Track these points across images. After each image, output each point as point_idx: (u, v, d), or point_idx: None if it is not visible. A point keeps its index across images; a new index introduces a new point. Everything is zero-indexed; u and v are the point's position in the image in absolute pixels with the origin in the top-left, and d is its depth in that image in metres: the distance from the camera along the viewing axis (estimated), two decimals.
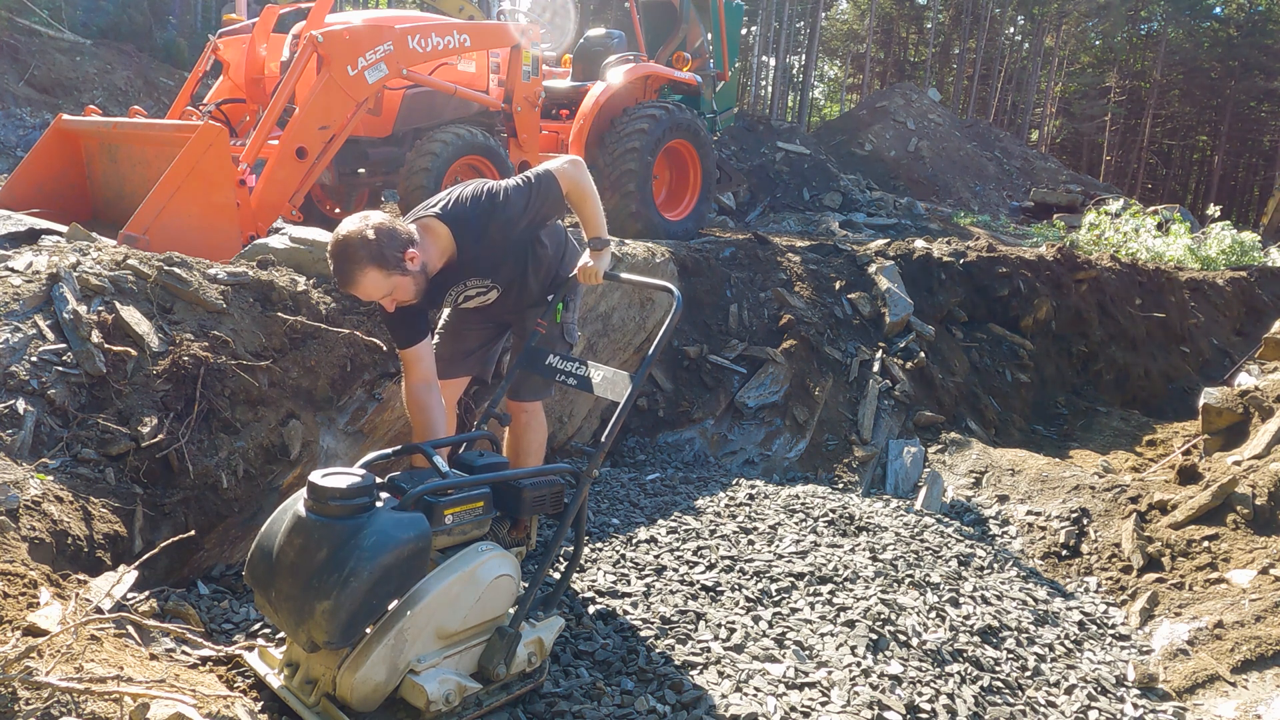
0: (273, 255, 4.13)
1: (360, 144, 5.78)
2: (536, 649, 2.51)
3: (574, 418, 5.50)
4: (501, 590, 2.36)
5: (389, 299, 2.82)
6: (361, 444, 3.96)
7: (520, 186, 3.02)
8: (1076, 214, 16.89)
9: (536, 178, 3.03)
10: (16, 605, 1.99)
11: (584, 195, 3.09)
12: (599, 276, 3.17)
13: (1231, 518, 3.95)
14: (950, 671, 3.00)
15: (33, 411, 2.83)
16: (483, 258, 3.06)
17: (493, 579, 2.33)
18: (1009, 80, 43.79)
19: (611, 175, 6.64)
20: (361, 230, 2.68)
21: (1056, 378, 7.58)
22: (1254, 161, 47.49)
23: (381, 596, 2.10)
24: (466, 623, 2.30)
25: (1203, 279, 10.01)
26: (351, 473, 2.21)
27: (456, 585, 2.25)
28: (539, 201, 3.03)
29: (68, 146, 5.72)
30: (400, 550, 2.10)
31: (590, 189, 3.11)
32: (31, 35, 13.95)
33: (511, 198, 2.98)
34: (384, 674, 2.14)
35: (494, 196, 2.98)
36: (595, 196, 3.13)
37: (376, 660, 2.12)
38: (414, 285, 2.83)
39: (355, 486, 2.12)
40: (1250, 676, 3.18)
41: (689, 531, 4.01)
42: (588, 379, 2.93)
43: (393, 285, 2.76)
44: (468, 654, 2.36)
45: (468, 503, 2.39)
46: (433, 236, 2.94)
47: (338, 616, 2.01)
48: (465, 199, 2.98)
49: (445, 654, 2.28)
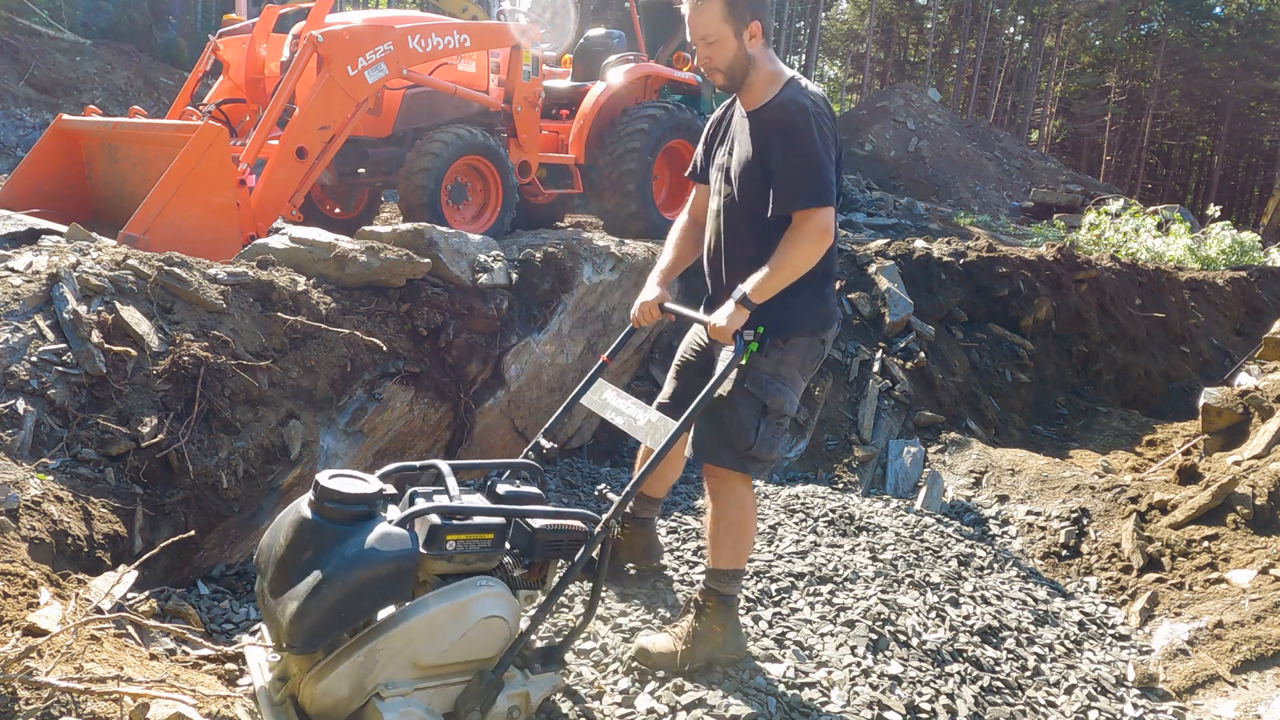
0: (273, 255, 4.13)
1: (360, 144, 5.78)
2: (521, 703, 2.30)
3: (574, 417, 5.49)
4: (491, 631, 2.19)
5: (707, 48, 2.64)
6: (362, 444, 3.97)
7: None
8: (1076, 214, 16.89)
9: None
10: (16, 605, 1.99)
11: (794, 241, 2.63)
12: (723, 335, 2.64)
13: (1231, 518, 3.95)
14: (950, 671, 3.00)
15: (33, 411, 2.83)
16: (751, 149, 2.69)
17: (483, 617, 2.16)
18: (1009, 80, 43.79)
19: (611, 175, 6.63)
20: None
21: (1056, 378, 7.58)
22: (1254, 161, 47.48)
23: (351, 610, 2.01)
24: (446, 657, 2.15)
25: (1203, 279, 10.00)
26: (360, 478, 2.16)
27: (443, 615, 2.11)
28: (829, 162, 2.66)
29: (68, 146, 5.72)
30: (378, 567, 2.00)
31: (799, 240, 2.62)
32: (31, 35, 13.95)
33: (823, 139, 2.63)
34: (347, 690, 2.05)
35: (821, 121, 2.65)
36: (798, 251, 2.61)
37: (343, 674, 2.04)
38: (734, 60, 2.64)
39: (355, 494, 2.08)
40: (1250, 676, 3.18)
41: (689, 531, 4.00)
42: (634, 419, 2.71)
43: (721, 34, 2.60)
44: (444, 692, 2.18)
45: (474, 532, 2.20)
46: (772, 66, 2.70)
47: (302, 620, 1.95)
48: (810, 90, 2.69)
49: (418, 685, 2.12)
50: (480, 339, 4.67)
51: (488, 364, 4.73)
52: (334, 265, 4.13)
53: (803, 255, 2.59)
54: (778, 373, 2.75)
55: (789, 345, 2.74)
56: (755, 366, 2.71)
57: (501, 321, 4.78)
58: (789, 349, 2.75)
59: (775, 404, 2.73)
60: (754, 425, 2.70)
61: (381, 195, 7.59)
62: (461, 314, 4.54)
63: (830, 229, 2.59)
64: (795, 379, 2.79)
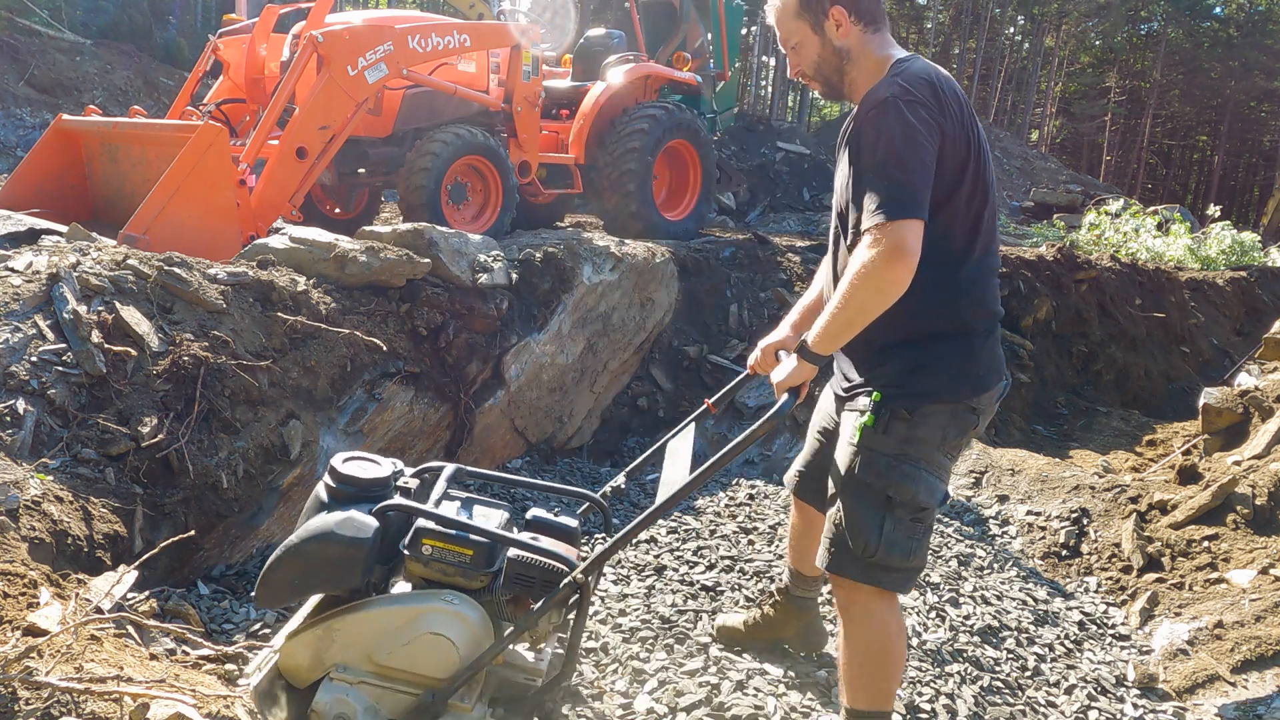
0: (273, 255, 4.13)
1: (360, 144, 5.78)
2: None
3: (574, 417, 5.50)
4: (435, 650, 2.06)
5: (793, 55, 2.25)
6: (361, 444, 3.97)
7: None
8: (1076, 214, 16.87)
9: None
10: (16, 605, 1.99)
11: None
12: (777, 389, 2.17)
13: (1231, 518, 3.95)
14: (950, 671, 3.00)
15: (33, 411, 2.83)
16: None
17: (428, 631, 2.05)
18: (1009, 80, 43.78)
19: (611, 175, 6.64)
20: None
21: (1056, 378, 7.57)
22: (1254, 161, 47.47)
23: (300, 580, 2.08)
24: (392, 661, 2.08)
25: (1203, 279, 10.00)
26: (374, 462, 2.22)
27: (395, 617, 2.09)
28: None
29: (68, 146, 5.72)
30: (326, 546, 2.03)
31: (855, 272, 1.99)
32: (31, 35, 13.94)
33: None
34: (307, 659, 2.12)
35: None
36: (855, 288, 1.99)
37: (305, 641, 2.12)
38: (820, 60, 2.21)
39: (346, 475, 2.15)
40: (1250, 676, 3.18)
41: (689, 531, 4.01)
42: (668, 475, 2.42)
43: (799, 34, 2.21)
44: (392, 697, 2.09)
45: (452, 543, 2.09)
46: (881, 52, 2.17)
47: (263, 578, 2.09)
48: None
49: (367, 679, 2.09)
50: (480, 339, 4.67)
51: (488, 364, 4.73)
52: (334, 265, 4.13)
53: (865, 285, 1.95)
54: (905, 453, 2.13)
55: (920, 417, 2.13)
56: (872, 447, 2.15)
57: (501, 321, 4.78)
58: (920, 422, 2.13)
59: (904, 495, 2.13)
60: (875, 524, 2.14)
61: (381, 195, 7.59)
62: (461, 314, 4.54)
63: (905, 248, 1.90)
64: (934, 459, 2.16)
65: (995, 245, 2.22)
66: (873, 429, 2.14)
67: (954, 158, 2.04)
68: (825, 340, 2.08)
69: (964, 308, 2.14)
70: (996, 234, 2.21)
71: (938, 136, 2.00)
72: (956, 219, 2.11)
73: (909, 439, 2.14)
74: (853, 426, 2.19)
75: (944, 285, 2.11)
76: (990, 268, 2.20)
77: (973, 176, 2.09)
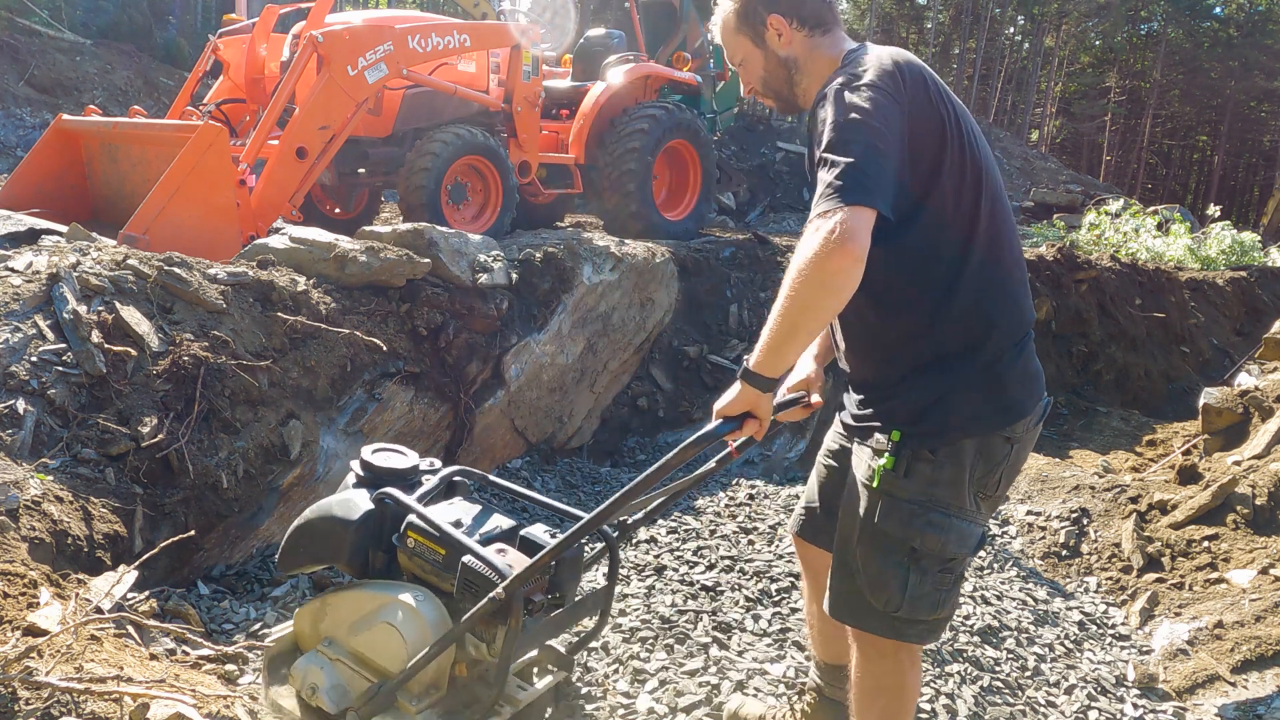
0: (273, 255, 4.13)
1: (360, 144, 5.78)
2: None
3: (574, 417, 5.50)
4: (387, 641, 2.04)
5: (742, 71, 2.07)
6: (361, 444, 3.96)
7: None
8: (1076, 214, 16.87)
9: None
10: (16, 605, 1.99)
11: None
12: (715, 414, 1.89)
13: (1231, 518, 3.95)
14: (950, 671, 3.00)
15: (33, 411, 2.83)
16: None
17: (384, 621, 2.04)
18: (1009, 80, 43.78)
19: (611, 175, 6.64)
20: None
21: (1056, 378, 7.57)
22: (1254, 161, 47.48)
23: (301, 549, 2.18)
24: (356, 644, 2.10)
25: (1203, 279, 10.00)
26: (400, 453, 2.30)
27: (367, 602, 2.11)
28: None
29: (68, 146, 5.72)
30: (322, 521, 2.15)
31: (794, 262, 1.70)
32: (31, 35, 13.94)
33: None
34: (308, 628, 2.21)
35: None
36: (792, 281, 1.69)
37: (309, 611, 2.22)
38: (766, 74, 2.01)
39: (368, 463, 2.25)
40: (1250, 676, 3.18)
41: (689, 531, 4.00)
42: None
43: (742, 49, 2.03)
44: (359, 679, 2.10)
45: (430, 539, 2.07)
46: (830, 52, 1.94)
47: (283, 542, 2.21)
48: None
49: (343, 658, 2.11)
50: (480, 339, 4.67)
51: (488, 364, 4.73)
52: (334, 265, 4.13)
53: (805, 280, 1.64)
54: (932, 498, 1.85)
55: (945, 456, 1.84)
56: (893, 492, 1.87)
57: (501, 321, 4.78)
58: (946, 461, 1.84)
59: (931, 546, 1.86)
60: (900, 578, 1.87)
61: (381, 195, 7.60)
62: (461, 314, 4.54)
63: (847, 233, 1.59)
64: (963, 501, 1.87)
65: (1008, 244, 1.90)
66: (893, 472, 1.85)
67: (926, 141, 1.77)
68: (770, 355, 1.73)
69: (973, 322, 1.84)
70: (1009, 231, 1.90)
71: (896, 117, 1.71)
72: (945, 217, 1.81)
73: (935, 481, 1.85)
74: (868, 468, 1.90)
75: (942, 298, 1.83)
76: (1002, 270, 1.88)
77: (956, 164, 1.79)
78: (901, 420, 1.87)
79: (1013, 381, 1.88)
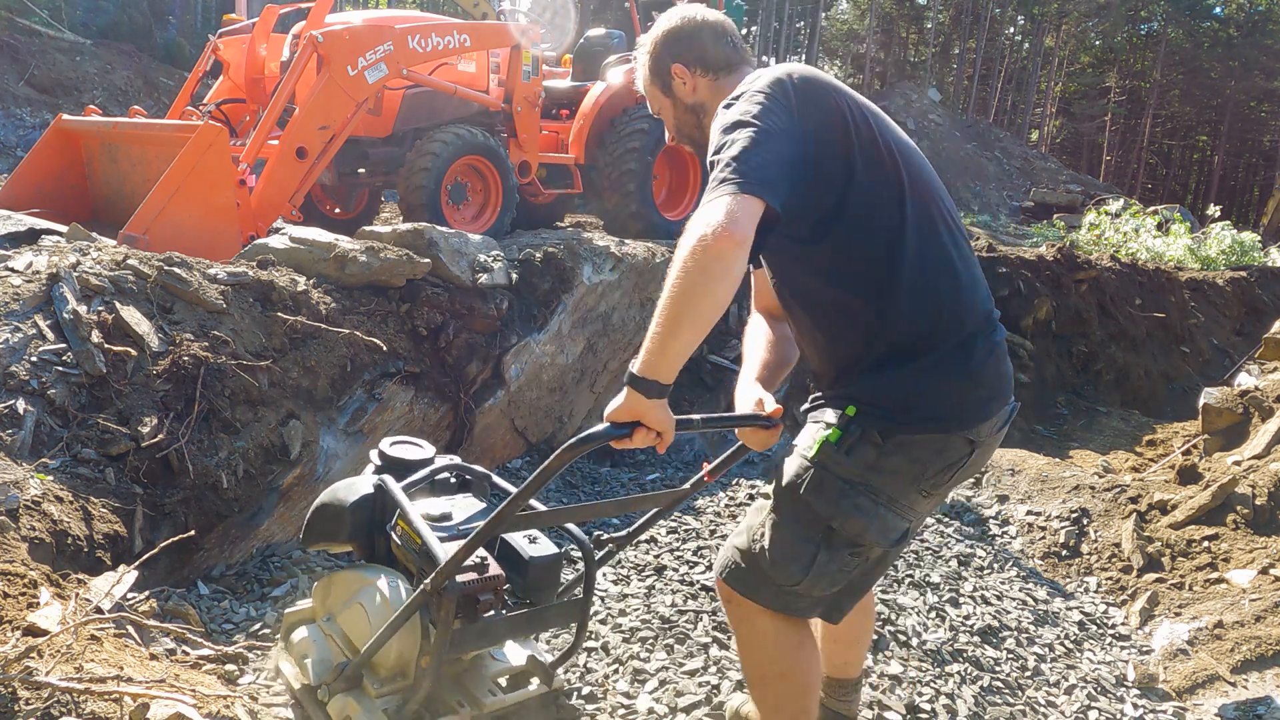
0: (273, 255, 4.13)
1: (360, 144, 5.78)
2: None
3: (574, 417, 5.50)
4: (357, 621, 2.07)
5: (660, 118, 2.11)
6: (362, 444, 3.96)
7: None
8: (1076, 214, 16.89)
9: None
10: (16, 605, 1.99)
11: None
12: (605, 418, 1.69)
13: (1231, 518, 3.95)
14: (950, 671, 3.00)
15: (33, 411, 2.83)
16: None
17: (356, 601, 2.08)
18: (1009, 80, 43.80)
19: (612, 175, 6.64)
20: (672, 16, 2.00)
21: (1056, 378, 7.58)
22: (1254, 161, 47.51)
23: (315, 527, 2.21)
24: (340, 622, 2.14)
25: (1203, 279, 10.01)
26: (415, 445, 2.34)
27: (352, 583, 2.17)
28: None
29: (68, 146, 5.72)
30: (328, 502, 2.18)
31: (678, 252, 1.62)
32: (31, 35, 13.95)
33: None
34: (317, 600, 2.27)
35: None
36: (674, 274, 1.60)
37: (320, 585, 2.29)
38: (678, 122, 2.04)
39: (381, 451, 2.29)
40: (1250, 676, 3.18)
41: (689, 531, 4.00)
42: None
43: (656, 99, 2.07)
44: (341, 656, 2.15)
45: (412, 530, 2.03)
46: (733, 86, 1.85)
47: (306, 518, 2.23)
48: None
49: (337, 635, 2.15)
50: (480, 339, 4.67)
51: (488, 364, 4.73)
52: (334, 265, 4.13)
53: (686, 271, 1.55)
54: (866, 482, 1.77)
55: (895, 445, 1.76)
56: (828, 466, 1.78)
57: (501, 321, 4.78)
58: (894, 450, 1.76)
59: (851, 529, 1.78)
60: (807, 556, 1.80)
61: (381, 195, 7.60)
62: (461, 314, 4.54)
63: (727, 216, 1.54)
64: (903, 496, 1.80)
65: (947, 239, 1.82)
66: (835, 446, 1.77)
67: (828, 139, 1.72)
68: (654, 356, 1.58)
69: (920, 316, 1.77)
70: (945, 227, 1.83)
71: (784, 118, 1.67)
72: (868, 215, 1.76)
73: (876, 468, 1.77)
74: (811, 437, 1.81)
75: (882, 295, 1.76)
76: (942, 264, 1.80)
77: (870, 161, 1.74)
78: (859, 398, 1.79)
79: (981, 380, 1.82)
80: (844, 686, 2.37)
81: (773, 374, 2.08)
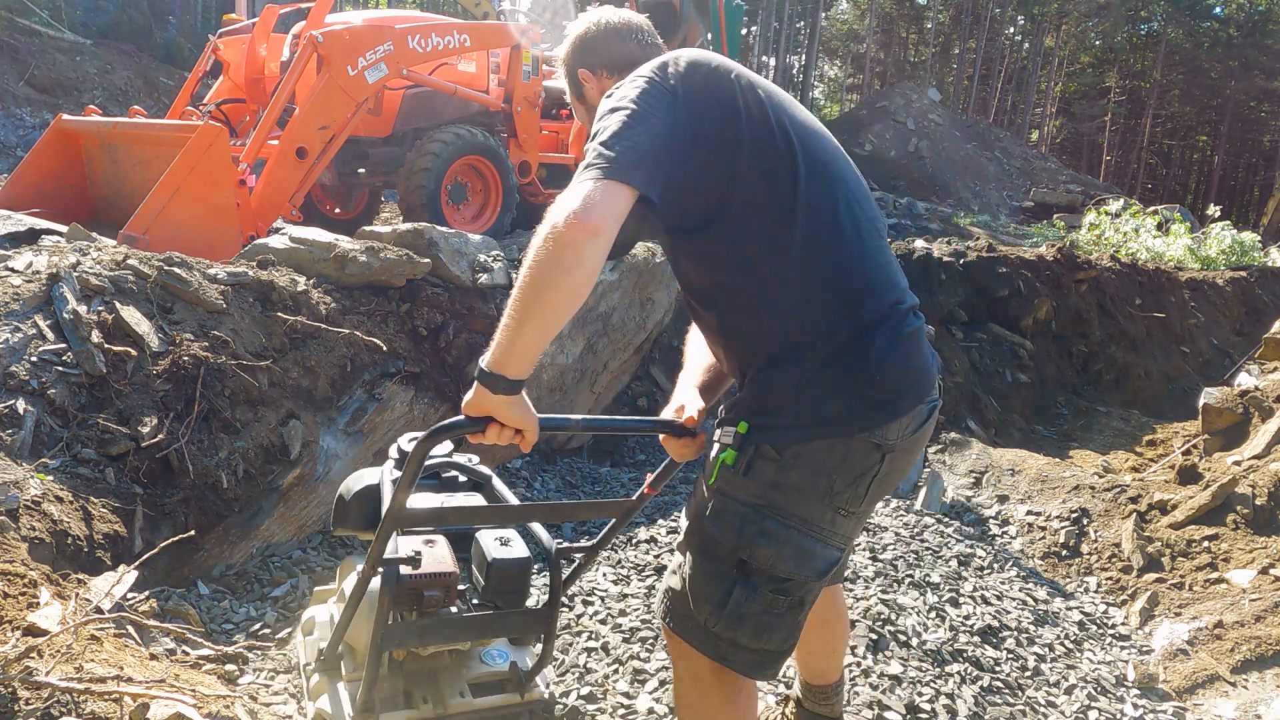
0: (273, 255, 4.13)
1: (360, 144, 5.79)
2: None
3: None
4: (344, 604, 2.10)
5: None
6: (362, 444, 3.96)
7: None
8: (1076, 214, 16.89)
9: None
10: (16, 605, 1.99)
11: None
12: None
13: (1231, 518, 3.95)
14: (950, 671, 3.00)
15: (33, 411, 2.83)
16: None
17: (342, 587, 2.22)
18: (1009, 80, 43.80)
19: None
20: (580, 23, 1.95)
21: (1056, 378, 7.58)
22: (1254, 161, 47.52)
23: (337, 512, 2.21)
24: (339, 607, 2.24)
25: (1203, 279, 10.01)
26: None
27: (351, 567, 2.26)
28: None
29: (68, 146, 5.73)
30: (343, 489, 2.19)
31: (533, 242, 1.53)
32: (31, 35, 13.95)
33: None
34: (337, 580, 2.32)
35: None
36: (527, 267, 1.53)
37: (341, 567, 2.34)
38: (590, 122, 1.82)
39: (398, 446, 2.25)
40: (1250, 676, 3.18)
41: None
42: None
43: (576, 109, 2.05)
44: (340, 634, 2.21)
45: None
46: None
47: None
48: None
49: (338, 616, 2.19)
50: (480, 339, 4.67)
51: None
52: (334, 265, 4.13)
53: (538, 260, 1.48)
54: (771, 503, 1.61)
55: (793, 457, 1.60)
56: (726, 491, 1.64)
57: None
58: (793, 463, 1.60)
59: (761, 559, 1.61)
60: (722, 591, 1.64)
61: (381, 195, 7.60)
62: (461, 314, 4.54)
63: (585, 203, 1.44)
64: (814, 515, 1.62)
65: (849, 223, 1.67)
66: (732, 468, 1.61)
67: (711, 122, 1.60)
68: (504, 350, 1.50)
69: (812, 306, 1.62)
70: (848, 209, 1.68)
71: (663, 102, 1.58)
72: (757, 200, 1.62)
73: (777, 485, 1.60)
74: (711, 460, 1.68)
75: (771, 282, 1.62)
76: (841, 249, 1.65)
77: (755, 145, 1.61)
78: (748, 410, 1.64)
79: (884, 376, 1.61)
80: (823, 691, 2.30)
81: (715, 380, 1.94)
